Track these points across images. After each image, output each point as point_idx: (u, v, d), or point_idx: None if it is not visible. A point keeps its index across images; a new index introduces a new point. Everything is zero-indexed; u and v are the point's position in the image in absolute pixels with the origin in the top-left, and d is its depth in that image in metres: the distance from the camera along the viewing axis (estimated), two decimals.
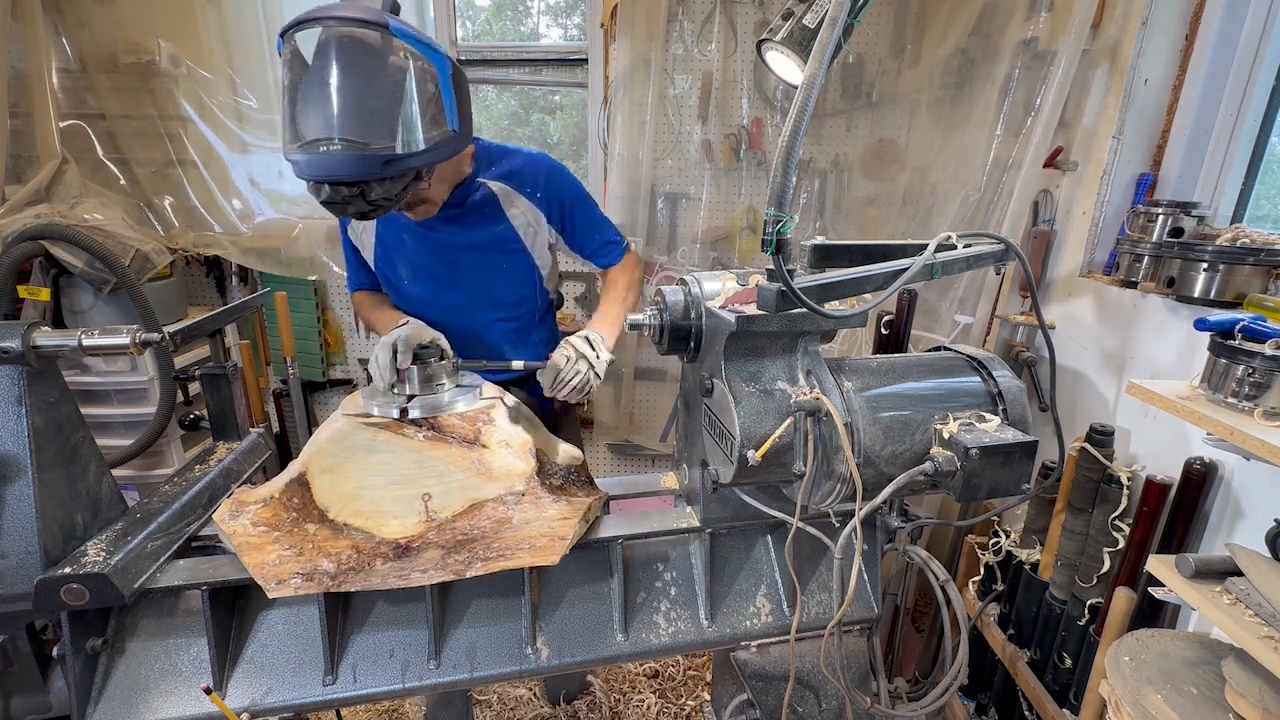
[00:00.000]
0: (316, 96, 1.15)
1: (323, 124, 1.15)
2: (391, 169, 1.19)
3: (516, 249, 1.62)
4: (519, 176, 1.58)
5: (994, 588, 1.84)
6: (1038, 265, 1.97)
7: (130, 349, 1.09)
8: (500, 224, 1.59)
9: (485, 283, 1.65)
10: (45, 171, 2.39)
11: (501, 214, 1.58)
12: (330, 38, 1.14)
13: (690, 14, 2.56)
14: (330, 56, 1.14)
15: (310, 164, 1.16)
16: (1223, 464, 1.34)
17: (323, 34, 1.14)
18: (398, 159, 1.19)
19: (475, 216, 1.56)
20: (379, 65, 1.16)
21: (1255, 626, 0.98)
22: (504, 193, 1.57)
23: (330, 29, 1.14)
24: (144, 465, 2.44)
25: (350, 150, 1.15)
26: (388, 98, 1.17)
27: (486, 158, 1.59)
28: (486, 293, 1.67)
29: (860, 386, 1.15)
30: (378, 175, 1.18)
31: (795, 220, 1.33)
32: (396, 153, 1.18)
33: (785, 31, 1.41)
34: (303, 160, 1.17)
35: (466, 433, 1.28)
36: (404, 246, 1.64)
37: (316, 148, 1.15)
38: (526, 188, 1.58)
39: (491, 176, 1.57)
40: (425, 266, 1.64)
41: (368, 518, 1.17)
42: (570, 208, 1.64)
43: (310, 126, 1.15)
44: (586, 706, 2.34)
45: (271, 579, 1.09)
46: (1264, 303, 1.34)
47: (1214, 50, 1.63)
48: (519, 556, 1.15)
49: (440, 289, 1.66)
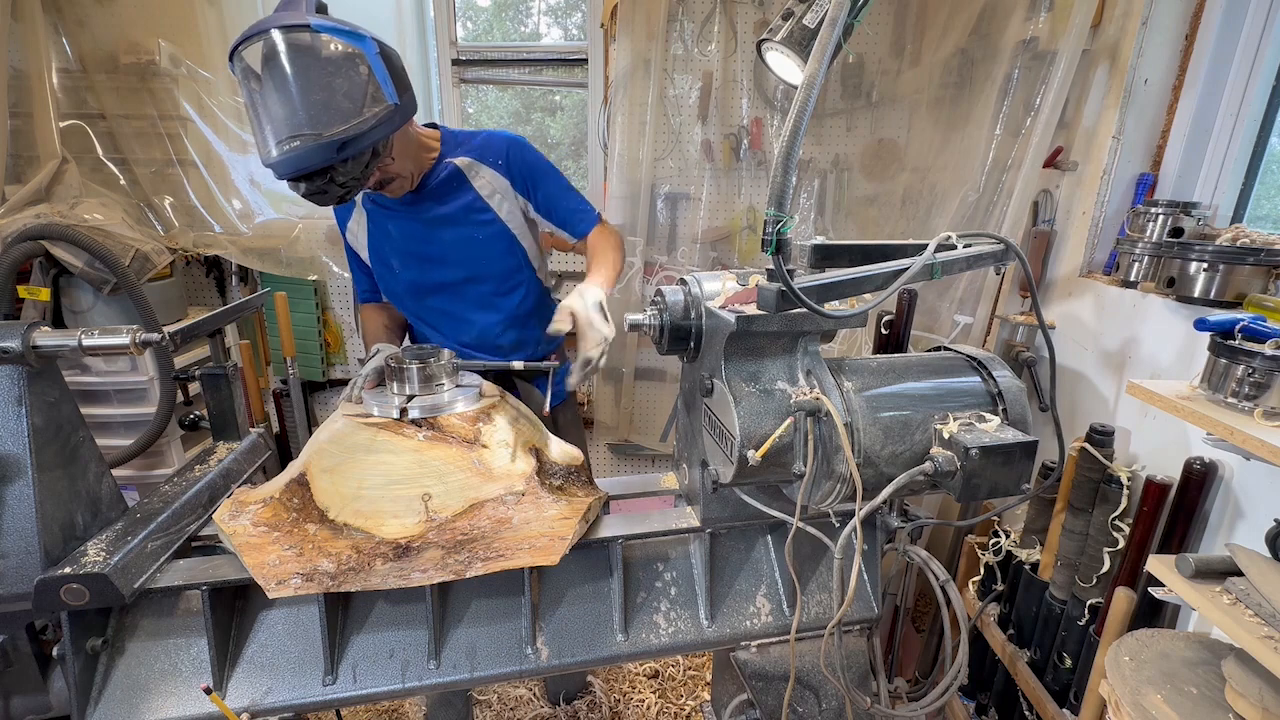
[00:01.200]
0: (272, 104, 1.30)
1: (281, 127, 1.29)
2: (348, 150, 1.32)
3: (488, 217, 1.69)
4: (481, 149, 1.68)
5: (994, 588, 1.84)
6: (1038, 265, 1.97)
7: (130, 349, 1.09)
8: (467, 193, 1.67)
9: (468, 256, 1.71)
10: (45, 171, 2.39)
11: (467, 183, 1.66)
12: (267, 49, 1.29)
13: (690, 14, 2.56)
14: (272, 65, 1.29)
15: (281, 164, 1.30)
16: (1223, 464, 1.34)
17: (261, 48, 1.29)
18: (351, 140, 1.31)
19: (444, 189, 1.66)
20: (313, 62, 1.30)
21: (1255, 626, 0.98)
22: (467, 165, 1.67)
23: (264, 41, 1.29)
24: (144, 465, 2.44)
25: (308, 143, 1.28)
26: (327, 89, 1.30)
27: (452, 141, 1.69)
28: (470, 265, 1.72)
29: (860, 386, 1.15)
30: (338, 159, 1.32)
31: (795, 220, 1.33)
32: (348, 136, 1.30)
33: (785, 31, 1.41)
34: (275, 163, 1.30)
35: (466, 433, 1.28)
36: (389, 236, 1.72)
37: (282, 149, 1.29)
38: (489, 158, 1.68)
39: (456, 155, 1.67)
40: (410, 250, 1.71)
41: (368, 518, 1.17)
42: (533, 174, 1.70)
43: (273, 131, 1.30)
44: (586, 706, 2.34)
45: (272, 579, 1.09)
46: (1264, 303, 1.35)
47: (1214, 50, 1.63)
48: (519, 557, 1.15)
49: (427, 268, 1.73)
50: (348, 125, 1.31)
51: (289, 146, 1.29)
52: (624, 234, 2.75)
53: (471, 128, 1.74)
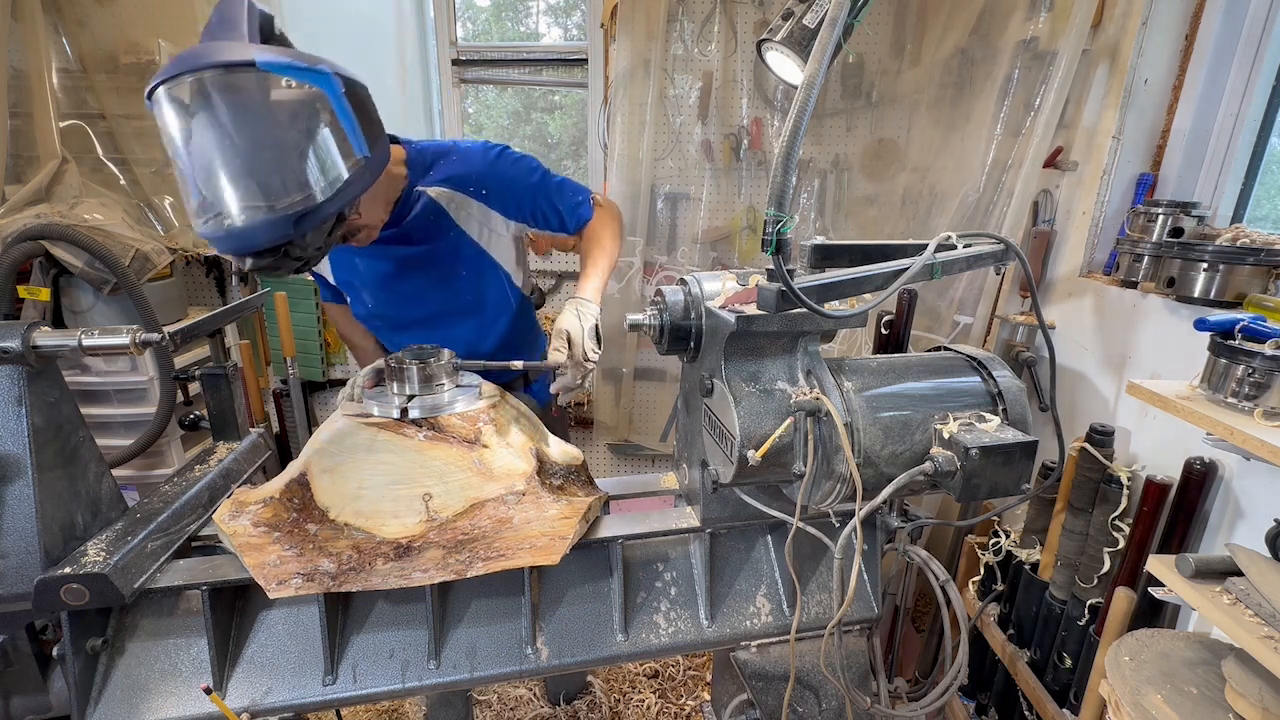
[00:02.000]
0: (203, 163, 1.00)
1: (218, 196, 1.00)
2: (307, 224, 1.05)
3: (474, 254, 1.51)
4: (461, 178, 1.45)
5: (994, 588, 1.84)
6: (1038, 265, 1.97)
7: (130, 349, 1.09)
8: (451, 232, 1.46)
9: (449, 295, 1.56)
10: (45, 171, 2.39)
11: (451, 222, 1.45)
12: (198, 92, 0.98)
13: (690, 14, 2.57)
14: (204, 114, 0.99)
15: (221, 241, 1.03)
16: (1223, 464, 1.34)
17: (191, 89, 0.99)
18: (310, 212, 1.04)
19: (423, 229, 1.43)
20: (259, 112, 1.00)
21: (1255, 626, 0.98)
22: (449, 198, 1.44)
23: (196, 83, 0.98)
24: (144, 465, 2.44)
25: (256, 216, 1.01)
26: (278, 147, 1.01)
27: (421, 162, 1.44)
28: (453, 302, 1.58)
29: (860, 386, 1.15)
30: (295, 235, 1.05)
31: (795, 220, 1.33)
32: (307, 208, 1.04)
33: (785, 31, 1.41)
34: (211, 236, 1.04)
35: (467, 432, 1.28)
36: (356, 270, 1.52)
37: (221, 223, 1.01)
38: (471, 187, 1.45)
39: (431, 182, 1.43)
40: (384, 287, 1.55)
41: (368, 517, 1.17)
42: (519, 191, 1.49)
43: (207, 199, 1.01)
44: (586, 706, 2.34)
45: (272, 579, 1.09)
46: (1264, 303, 1.35)
47: (1214, 50, 1.63)
48: (520, 556, 1.15)
49: (405, 305, 1.58)
50: (306, 194, 1.03)
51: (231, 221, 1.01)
52: (625, 234, 2.75)
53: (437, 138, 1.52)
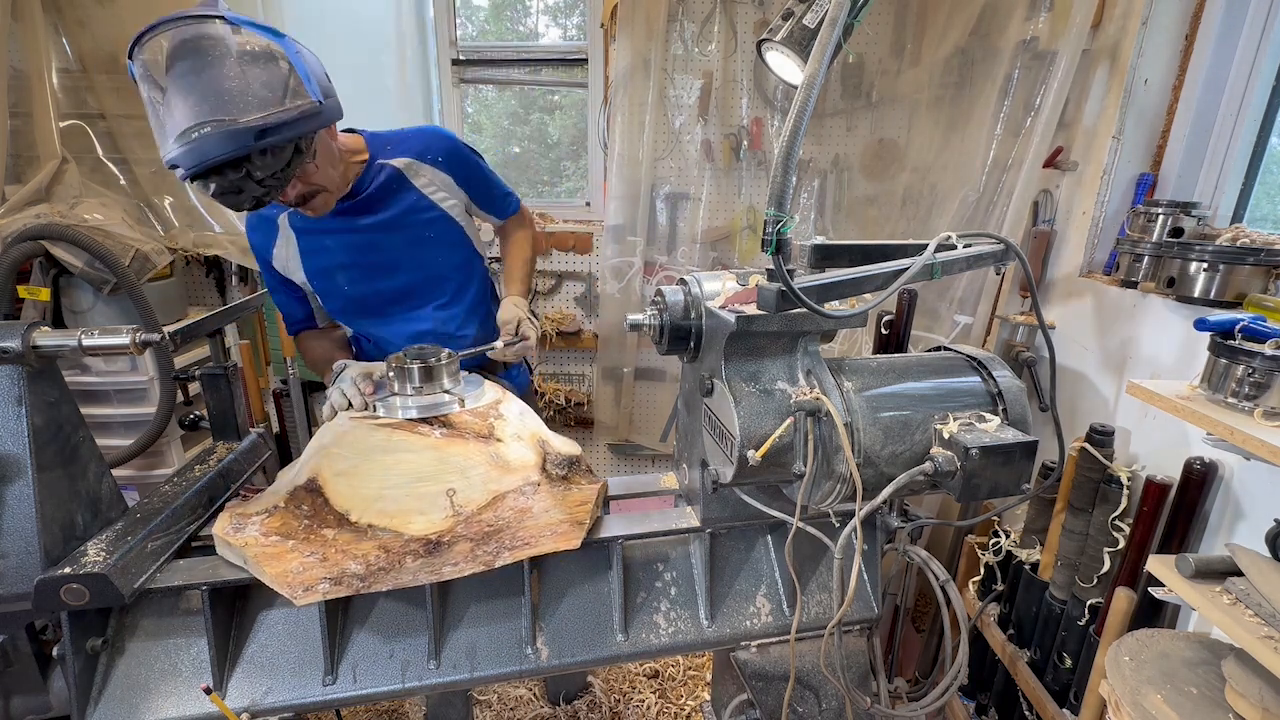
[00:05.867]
0: (180, 92, 1.16)
1: (190, 113, 1.15)
2: (267, 139, 1.19)
3: (435, 214, 1.65)
4: (420, 149, 1.63)
5: (994, 588, 1.84)
6: (1038, 265, 1.97)
7: (130, 349, 1.09)
8: (410, 193, 1.62)
9: (421, 258, 1.67)
10: (45, 171, 2.39)
11: (409, 184, 1.61)
12: (176, 39, 1.17)
13: (690, 14, 2.57)
14: (182, 54, 1.17)
15: (187, 154, 1.15)
16: (1223, 464, 1.34)
17: (169, 39, 1.17)
18: (271, 128, 1.19)
19: (384, 194, 1.59)
20: (229, 49, 1.19)
21: (1255, 626, 0.98)
22: (406, 165, 1.61)
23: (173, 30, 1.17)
24: (144, 465, 2.43)
25: (221, 128, 1.15)
26: (244, 76, 1.19)
27: (379, 144, 1.62)
28: (426, 268, 1.68)
29: (860, 386, 1.15)
30: (254, 146, 1.18)
31: (795, 220, 1.33)
32: (268, 123, 1.19)
33: (785, 31, 1.41)
34: (179, 154, 1.16)
35: (480, 428, 1.30)
36: (329, 251, 1.63)
37: (189, 136, 1.15)
38: (428, 156, 1.63)
39: (390, 156, 1.61)
40: (357, 262, 1.63)
41: (392, 517, 1.17)
42: (468, 167, 1.69)
43: (179, 120, 1.16)
44: (586, 706, 2.34)
45: (298, 586, 1.07)
46: (1264, 303, 1.35)
47: (1214, 50, 1.63)
48: (543, 543, 1.16)
49: (380, 280, 1.66)
50: (267, 111, 1.18)
51: (199, 133, 1.14)
52: (625, 234, 2.76)
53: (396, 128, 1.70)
